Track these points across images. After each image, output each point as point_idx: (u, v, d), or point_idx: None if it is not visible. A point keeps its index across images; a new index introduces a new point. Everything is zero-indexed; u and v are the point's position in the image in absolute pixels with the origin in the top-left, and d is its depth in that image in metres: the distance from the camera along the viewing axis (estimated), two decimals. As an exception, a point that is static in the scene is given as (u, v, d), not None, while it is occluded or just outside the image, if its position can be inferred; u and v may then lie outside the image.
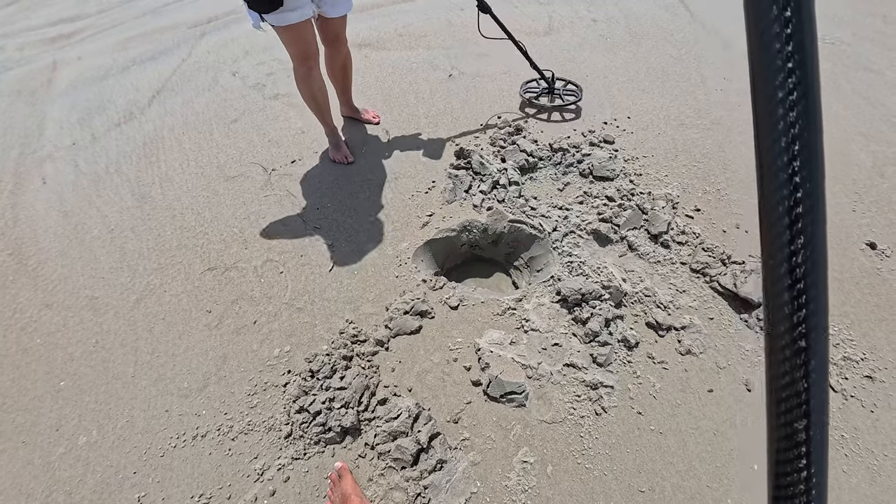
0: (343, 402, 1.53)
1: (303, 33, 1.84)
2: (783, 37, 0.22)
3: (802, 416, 0.25)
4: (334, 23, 2.00)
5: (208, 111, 2.84)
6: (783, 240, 0.24)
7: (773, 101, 0.23)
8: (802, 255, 0.23)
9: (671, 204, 1.99)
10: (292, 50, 1.90)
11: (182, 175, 2.44)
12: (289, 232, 2.11)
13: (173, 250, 2.11)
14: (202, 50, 3.45)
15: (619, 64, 2.88)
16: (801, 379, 0.25)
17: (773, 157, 0.23)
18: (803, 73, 0.22)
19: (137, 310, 1.92)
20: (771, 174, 0.23)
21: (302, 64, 1.94)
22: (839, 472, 1.40)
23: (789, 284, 0.24)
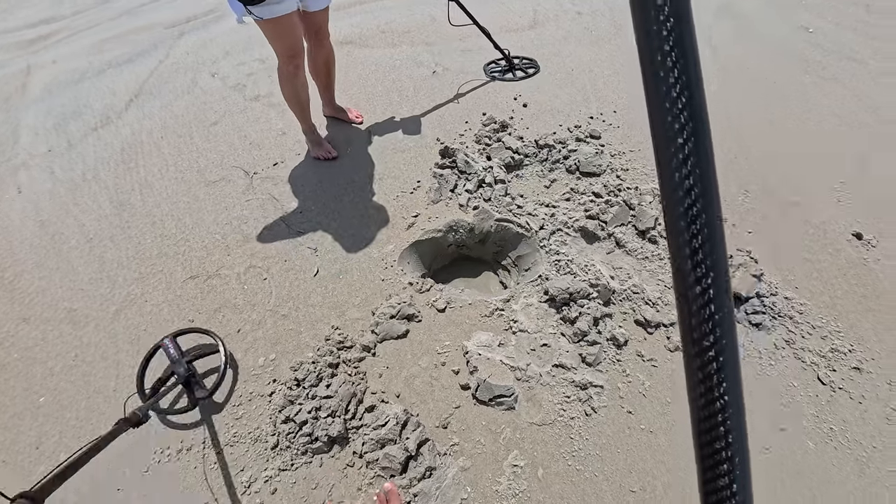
0: (329, 411, 1.50)
1: (290, 27, 1.79)
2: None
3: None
4: (316, 16, 1.95)
5: (187, 114, 2.77)
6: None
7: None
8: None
9: (658, 199, 1.97)
10: (279, 46, 1.85)
11: (161, 181, 2.39)
12: (272, 237, 2.07)
13: (154, 259, 2.06)
14: (180, 51, 3.37)
15: (605, 57, 2.85)
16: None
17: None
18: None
19: (118, 321, 1.88)
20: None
21: (289, 62, 1.89)
22: (829, 466, 1.40)
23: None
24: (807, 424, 1.48)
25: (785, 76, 2.64)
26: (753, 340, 1.63)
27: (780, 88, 2.56)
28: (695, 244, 0.26)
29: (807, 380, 1.56)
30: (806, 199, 2.01)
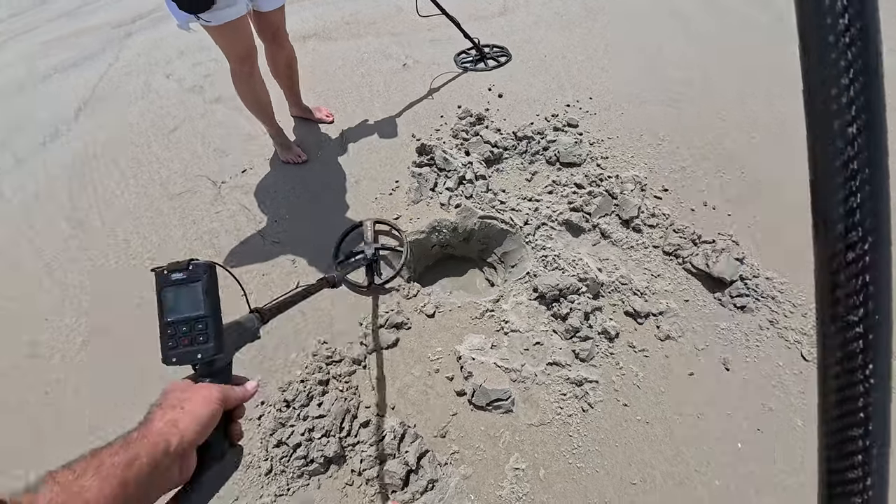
0: (324, 431, 1.45)
1: (241, 30, 1.67)
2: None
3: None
4: (271, 16, 1.82)
5: (144, 121, 2.60)
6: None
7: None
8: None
9: (639, 186, 1.97)
10: (231, 50, 1.73)
11: (121, 196, 2.24)
12: (247, 250, 1.97)
13: (120, 282, 1.93)
14: (130, 52, 3.15)
15: (577, 41, 2.81)
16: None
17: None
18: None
19: (86, 352, 1.77)
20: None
21: (242, 64, 1.77)
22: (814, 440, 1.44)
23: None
24: (794, 402, 1.52)
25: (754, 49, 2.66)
26: (739, 324, 1.66)
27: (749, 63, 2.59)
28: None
29: (791, 358, 1.60)
30: (781, 178, 2.04)
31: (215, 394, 0.54)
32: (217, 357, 0.58)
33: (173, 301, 0.58)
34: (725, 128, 2.25)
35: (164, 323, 0.58)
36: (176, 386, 0.55)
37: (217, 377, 0.59)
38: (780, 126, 2.24)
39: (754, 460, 1.43)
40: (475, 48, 2.70)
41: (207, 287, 0.58)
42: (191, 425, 0.49)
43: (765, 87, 2.44)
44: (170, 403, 0.51)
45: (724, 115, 2.31)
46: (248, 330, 0.70)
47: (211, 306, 0.58)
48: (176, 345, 0.57)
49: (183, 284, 0.58)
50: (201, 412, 0.51)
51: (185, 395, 0.53)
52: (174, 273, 0.58)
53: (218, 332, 0.58)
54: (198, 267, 0.58)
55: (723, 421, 1.50)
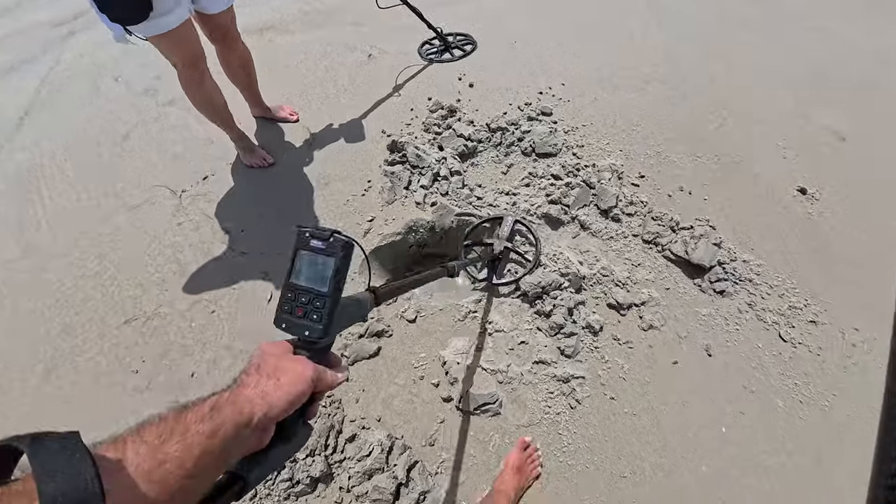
0: (308, 451, 1.40)
1: (185, 36, 1.54)
2: None
3: None
4: (219, 19, 1.69)
5: (92, 128, 2.42)
6: None
7: None
8: None
9: (616, 175, 1.95)
10: (176, 56, 1.60)
11: (74, 211, 2.09)
12: (214, 264, 1.88)
13: (79, 305, 1.81)
14: (73, 53, 2.92)
15: (547, 26, 2.74)
16: None
17: None
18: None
19: (48, 383, 1.66)
20: None
21: (191, 70, 1.65)
22: (797, 420, 1.48)
23: None
24: (774, 383, 1.54)
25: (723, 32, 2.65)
26: (719, 308, 1.67)
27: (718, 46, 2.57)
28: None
29: (769, 339, 1.62)
30: (753, 159, 2.05)
31: (310, 373, 0.51)
32: (321, 340, 0.56)
33: (304, 267, 0.56)
34: (698, 111, 2.24)
35: (288, 284, 0.56)
36: (275, 349, 0.53)
37: (315, 355, 0.56)
38: (749, 108, 2.25)
39: (737, 443, 1.46)
40: (439, 38, 2.60)
41: (339, 266, 0.56)
42: (279, 401, 0.47)
43: (735, 69, 2.44)
44: (266, 371, 0.49)
45: (695, 98, 2.29)
46: (361, 309, 0.68)
47: (335, 287, 0.56)
48: (291, 310, 0.55)
49: (318, 254, 0.56)
50: (292, 389, 0.48)
51: (281, 365, 0.50)
52: (314, 240, 0.56)
53: (331, 316, 0.55)
54: (337, 242, 0.56)
55: (707, 407, 1.51)
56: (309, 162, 2.16)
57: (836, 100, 2.27)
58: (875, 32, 2.60)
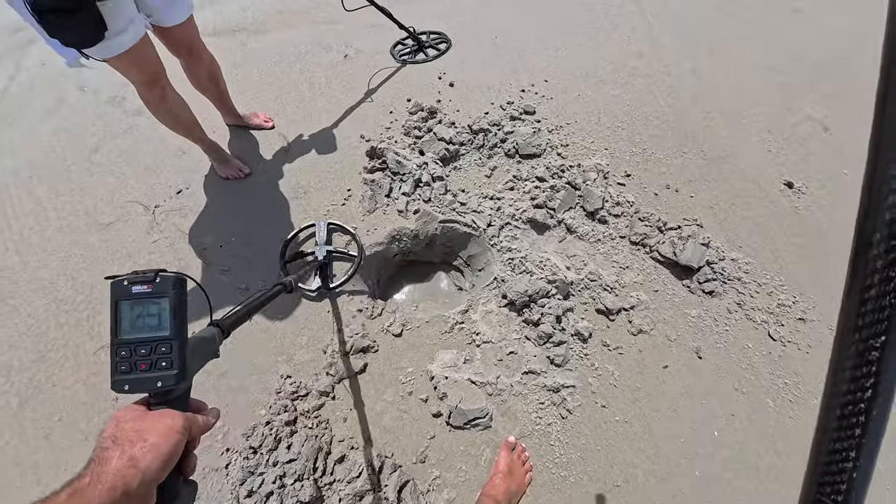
0: (296, 476, 1.37)
1: (143, 54, 1.45)
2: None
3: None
4: (179, 32, 1.60)
5: (58, 142, 2.32)
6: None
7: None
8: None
9: (602, 174, 1.91)
10: (135, 76, 1.51)
11: (42, 233, 2.00)
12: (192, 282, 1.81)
13: (52, 331, 1.75)
14: (33, 62, 2.79)
15: (528, 20, 2.67)
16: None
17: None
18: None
19: (24, 415, 1.59)
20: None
21: (152, 87, 1.56)
22: (787, 420, 1.48)
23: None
24: (764, 383, 1.54)
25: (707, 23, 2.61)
26: (708, 309, 1.66)
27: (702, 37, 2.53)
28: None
29: (759, 339, 1.62)
30: (739, 153, 2.03)
31: (179, 422, 0.47)
32: (179, 386, 0.51)
33: (132, 317, 0.50)
34: (683, 105, 2.20)
35: (118, 342, 0.50)
36: (129, 414, 0.48)
37: (175, 403, 0.51)
38: (734, 100, 2.22)
39: (729, 446, 1.45)
40: (411, 37, 2.51)
41: (176, 304, 0.51)
42: (153, 462, 0.43)
43: (718, 60, 2.40)
44: (126, 437, 0.44)
45: (680, 92, 2.26)
46: (211, 344, 0.64)
47: (178, 327, 0.51)
48: (130, 369, 0.49)
49: (146, 299, 0.51)
50: (164, 447, 0.44)
51: (142, 426, 0.46)
52: (136, 285, 0.50)
53: (183, 357, 0.51)
54: (165, 280, 0.51)
55: (698, 410, 1.51)
56: (286, 171, 2.09)
57: (816, 87, 2.24)
58: (847, 10, 2.57)
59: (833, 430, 0.27)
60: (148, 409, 0.50)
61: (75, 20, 1.17)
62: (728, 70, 2.34)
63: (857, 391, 0.26)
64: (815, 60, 2.35)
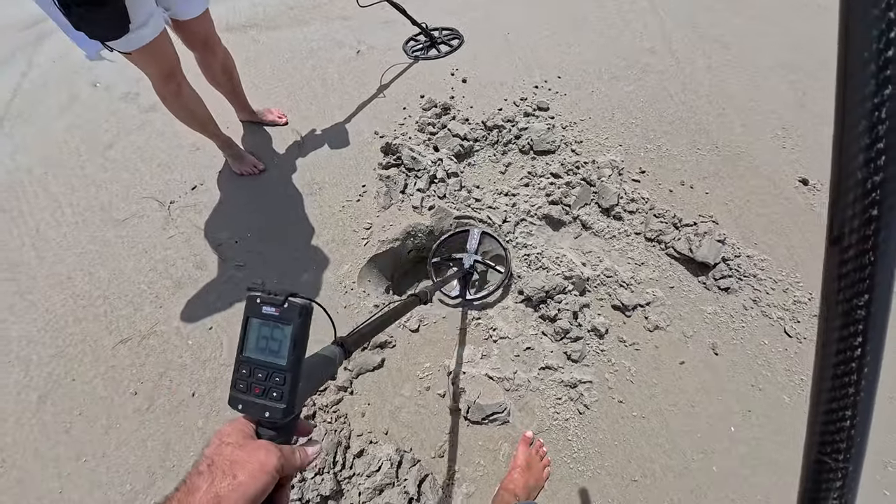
0: (316, 470, 1.38)
1: (161, 48, 1.46)
2: None
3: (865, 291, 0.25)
4: (195, 25, 1.61)
5: (73, 139, 2.33)
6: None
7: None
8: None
9: (617, 171, 1.91)
10: (151, 70, 1.52)
11: (58, 228, 2.01)
12: (209, 277, 1.82)
13: (70, 326, 1.76)
14: (44, 58, 2.79)
15: (540, 16, 2.66)
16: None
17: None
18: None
19: (45, 410, 1.61)
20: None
21: (168, 82, 1.57)
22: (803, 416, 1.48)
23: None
24: (780, 379, 1.54)
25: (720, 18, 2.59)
26: (724, 306, 1.66)
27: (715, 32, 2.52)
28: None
29: (775, 335, 1.62)
30: (753, 150, 2.02)
31: (273, 462, 0.45)
32: (284, 420, 0.50)
33: (258, 337, 0.50)
34: (697, 101, 2.19)
35: (242, 358, 0.50)
36: (233, 436, 0.46)
37: (282, 433, 0.51)
38: (750, 96, 2.21)
39: (746, 442, 1.46)
40: (423, 33, 2.50)
41: (297, 336, 0.49)
42: (238, 503, 0.41)
43: (731, 55, 2.39)
44: (220, 466, 0.43)
45: (694, 87, 2.25)
46: (330, 367, 0.62)
47: (295, 360, 0.49)
48: (247, 389, 0.49)
49: (273, 322, 0.50)
50: (251, 488, 0.43)
51: (238, 457, 0.44)
52: (266, 306, 0.49)
53: (294, 391, 0.49)
54: (293, 307, 0.49)
55: (715, 406, 1.51)
56: (300, 167, 2.10)
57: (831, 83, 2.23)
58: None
59: (827, 391, 0.28)
60: (253, 431, 0.49)
61: (103, 13, 1.18)
62: (742, 66, 2.33)
63: (846, 350, 0.26)
64: (830, 56, 2.34)
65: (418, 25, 2.42)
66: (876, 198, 0.23)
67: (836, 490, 0.28)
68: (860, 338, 0.26)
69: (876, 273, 0.24)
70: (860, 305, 0.25)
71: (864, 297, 0.25)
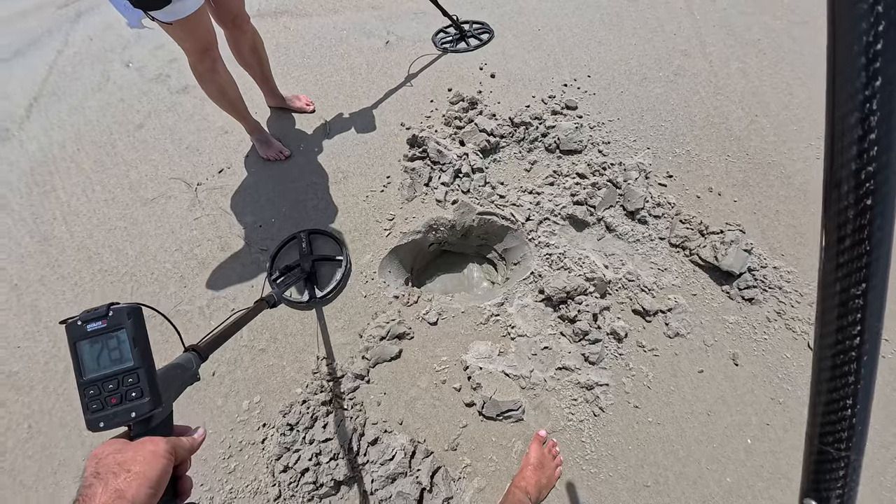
0: (331, 455, 1.41)
1: (201, 21, 1.48)
2: None
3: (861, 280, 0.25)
4: (229, 1, 1.63)
5: (105, 117, 2.37)
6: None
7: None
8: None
9: (643, 174, 1.89)
10: (189, 44, 1.54)
11: (88, 204, 2.06)
12: (232, 259, 1.85)
13: (97, 301, 1.80)
14: (81, 36, 2.84)
15: (571, 11, 2.63)
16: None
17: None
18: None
19: (70, 381, 1.66)
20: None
21: (204, 58, 1.59)
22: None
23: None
24: (802, 395, 1.52)
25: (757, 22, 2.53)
26: (747, 316, 1.64)
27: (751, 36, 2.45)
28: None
29: (798, 349, 1.59)
30: (785, 159, 1.98)
31: (162, 447, 0.47)
32: (155, 412, 0.51)
33: (92, 356, 0.51)
34: (728, 107, 2.15)
35: (83, 382, 0.51)
36: (108, 448, 0.48)
37: (157, 431, 0.52)
38: (785, 103, 2.16)
39: (763, 455, 1.44)
40: (454, 26, 2.48)
41: (135, 334, 0.52)
42: (140, 490, 0.43)
43: (768, 63, 2.33)
44: (109, 470, 0.44)
45: (728, 92, 2.20)
46: (188, 371, 0.65)
47: (141, 355, 0.52)
48: (102, 406, 0.50)
49: (103, 335, 0.51)
50: (151, 473, 0.44)
51: (124, 458, 0.46)
52: (90, 323, 0.51)
53: (153, 383, 0.51)
54: (119, 312, 0.52)
55: (732, 416, 1.50)
56: (326, 155, 2.11)
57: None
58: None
59: (827, 381, 0.28)
60: (129, 441, 0.50)
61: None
62: (777, 72, 2.27)
63: (845, 340, 0.26)
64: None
65: (449, 17, 2.40)
66: (870, 187, 0.23)
67: (839, 479, 0.29)
68: (858, 326, 0.26)
69: (872, 262, 0.24)
70: (858, 294, 0.25)
71: (862, 286, 0.25)
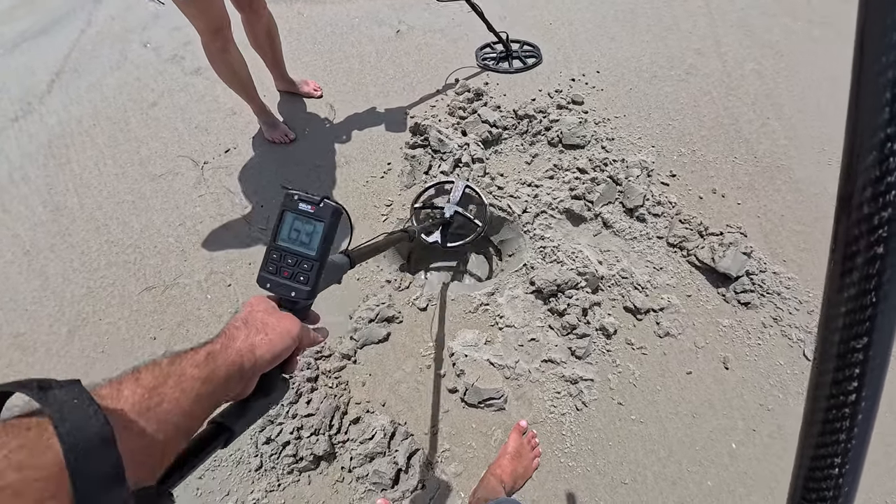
0: (312, 430, 1.43)
1: (214, 2, 1.51)
2: None
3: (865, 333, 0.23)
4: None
5: (120, 95, 2.44)
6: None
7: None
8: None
9: (646, 172, 1.86)
10: (201, 23, 1.57)
11: (100, 177, 2.13)
12: (232, 237, 1.89)
13: (102, 269, 1.87)
14: (103, 15, 2.92)
15: (585, 6, 2.59)
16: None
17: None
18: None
19: (72, 344, 1.72)
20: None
21: (215, 37, 1.62)
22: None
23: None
24: (792, 403, 1.49)
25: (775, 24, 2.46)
26: (742, 320, 1.61)
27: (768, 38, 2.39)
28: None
29: (792, 357, 1.56)
30: (793, 164, 1.93)
31: (296, 331, 0.53)
32: (307, 301, 0.58)
33: (292, 229, 0.57)
34: (739, 109, 2.10)
35: (274, 245, 0.57)
36: (262, 305, 0.55)
37: (298, 313, 0.58)
38: (799, 107, 2.10)
39: (747, 460, 1.42)
40: (502, 44, 2.34)
41: (328, 232, 0.57)
42: (266, 354, 0.49)
43: (783, 66, 2.26)
44: (254, 325, 0.51)
45: (738, 94, 2.15)
46: (339, 272, 0.70)
47: (323, 252, 0.57)
48: (276, 271, 0.56)
49: (306, 217, 0.57)
50: (278, 345, 0.50)
51: (269, 320, 0.52)
52: (303, 203, 0.57)
53: (318, 279, 0.57)
54: (327, 207, 0.57)
55: (718, 420, 1.47)
56: (330, 140, 2.13)
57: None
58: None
59: (817, 435, 0.26)
60: (278, 307, 0.56)
61: None
62: (794, 75, 2.21)
63: (839, 394, 0.24)
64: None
65: (497, 35, 2.28)
66: (882, 234, 0.21)
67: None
68: (856, 382, 0.24)
69: (877, 315, 0.22)
70: (858, 348, 0.23)
71: (863, 340, 0.23)
